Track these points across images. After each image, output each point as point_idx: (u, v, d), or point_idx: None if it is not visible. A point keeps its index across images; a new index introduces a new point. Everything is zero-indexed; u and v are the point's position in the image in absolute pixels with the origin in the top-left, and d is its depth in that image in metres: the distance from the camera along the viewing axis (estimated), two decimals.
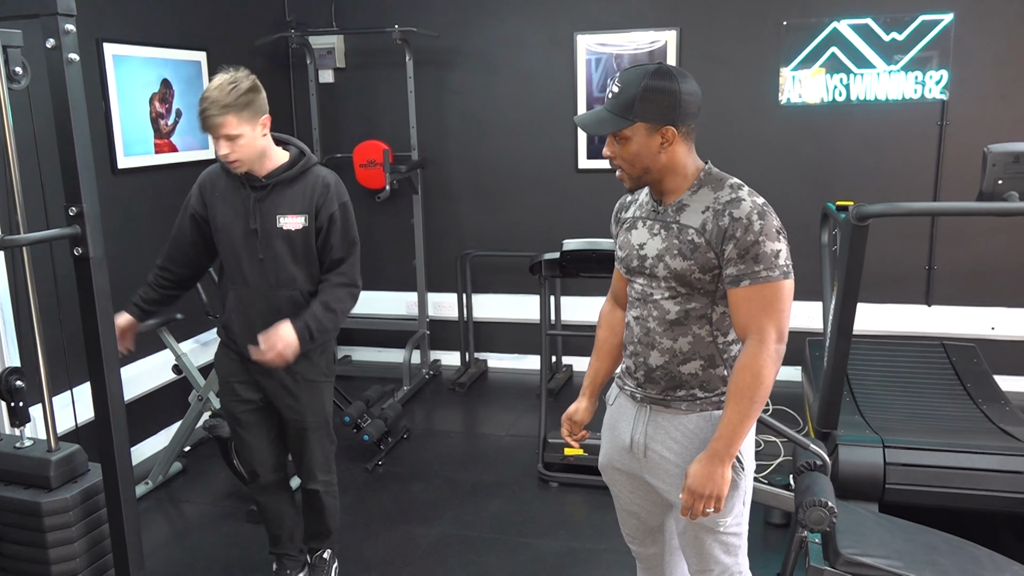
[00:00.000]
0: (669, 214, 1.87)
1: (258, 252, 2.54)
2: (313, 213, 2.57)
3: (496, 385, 5.29)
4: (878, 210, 2.54)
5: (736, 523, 1.94)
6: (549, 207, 5.20)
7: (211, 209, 2.57)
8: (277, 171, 2.54)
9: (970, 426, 3.37)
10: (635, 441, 1.96)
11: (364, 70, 5.36)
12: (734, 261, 1.77)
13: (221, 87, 2.39)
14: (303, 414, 2.70)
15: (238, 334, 2.61)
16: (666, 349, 1.88)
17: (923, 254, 4.78)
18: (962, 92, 4.53)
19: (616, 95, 1.80)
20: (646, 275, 1.90)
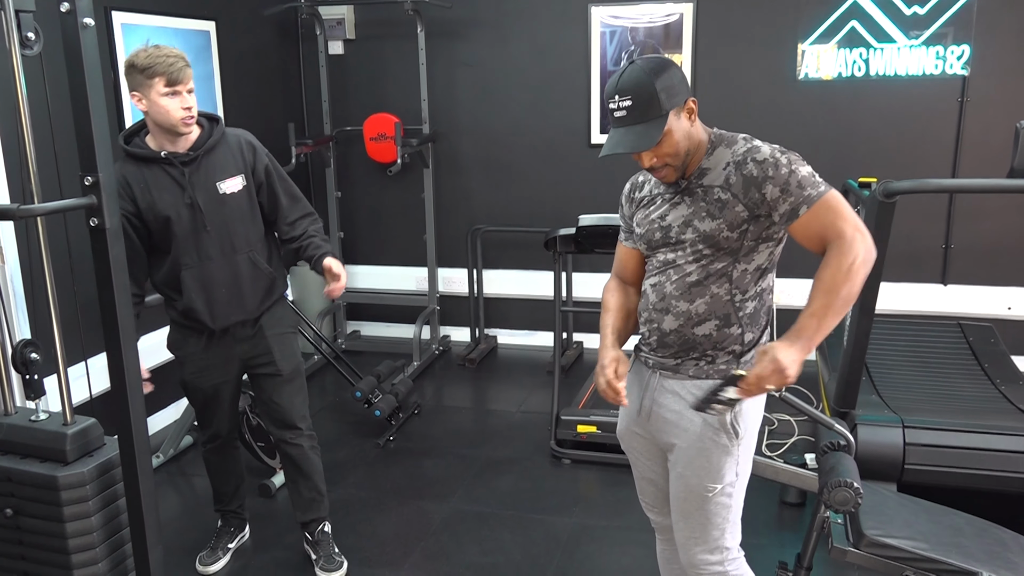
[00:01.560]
0: (692, 182, 1.89)
1: (204, 225, 2.55)
2: (248, 171, 2.63)
3: (506, 361, 5.26)
4: (906, 187, 2.49)
5: (727, 493, 1.94)
6: (561, 182, 5.14)
7: (144, 202, 2.51)
8: (199, 140, 2.55)
9: (989, 406, 3.33)
10: (643, 406, 2.00)
11: (374, 41, 5.28)
12: (780, 198, 1.77)
13: (170, 47, 2.44)
14: (279, 365, 2.77)
15: (204, 312, 2.61)
16: (681, 312, 1.89)
17: (940, 233, 4.72)
18: (984, 68, 4.45)
19: (633, 106, 1.78)
20: (671, 244, 1.91)
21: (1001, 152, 4.47)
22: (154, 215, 2.51)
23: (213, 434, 2.90)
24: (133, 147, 2.53)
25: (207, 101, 4.44)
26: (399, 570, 2.99)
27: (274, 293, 2.76)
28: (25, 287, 3.25)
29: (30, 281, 2.96)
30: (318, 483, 2.93)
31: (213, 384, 2.76)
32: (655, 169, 1.87)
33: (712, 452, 1.91)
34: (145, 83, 2.40)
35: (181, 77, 2.40)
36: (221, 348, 2.71)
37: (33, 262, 2.32)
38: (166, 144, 2.51)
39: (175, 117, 2.43)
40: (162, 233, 2.55)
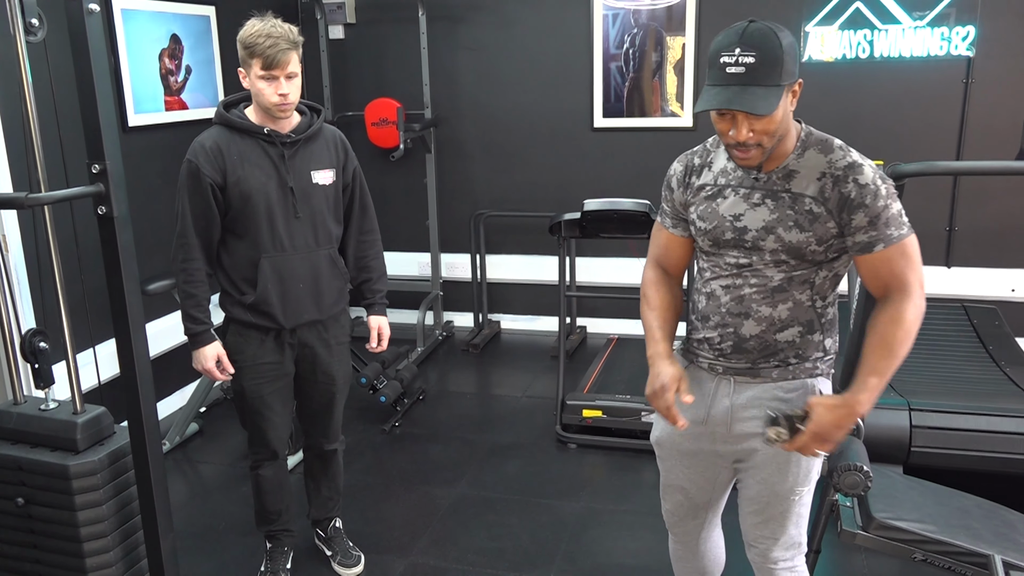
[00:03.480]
0: (775, 182, 1.75)
1: (296, 211, 2.46)
2: (339, 168, 2.57)
3: (510, 346, 5.26)
4: (914, 169, 2.48)
5: (810, 493, 1.91)
6: (564, 166, 5.12)
7: (233, 175, 2.37)
8: (301, 126, 2.48)
9: (994, 389, 3.34)
10: (714, 417, 1.87)
11: (375, 25, 5.25)
12: (864, 229, 1.69)
13: (278, 24, 2.33)
14: (335, 377, 2.68)
15: (277, 305, 2.47)
16: (763, 317, 1.78)
17: (944, 215, 4.71)
18: (989, 49, 4.42)
19: (756, 64, 1.59)
20: (745, 248, 1.77)
21: (1006, 133, 4.46)
22: (239, 191, 2.38)
23: (271, 452, 2.68)
24: (234, 116, 2.42)
25: (208, 87, 4.42)
26: (407, 555, 3.00)
27: (344, 298, 2.66)
28: (30, 275, 3.24)
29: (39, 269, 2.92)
30: (339, 484, 2.90)
31: (275, 392, 2.58)
32: (745, 147, 1.67)
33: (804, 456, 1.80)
34: (247, 60, 2.32)
35: (278, 61, 2.27)
36: (285, 351, 2.55)
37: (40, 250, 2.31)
38: (268, 122, 2.41)
39: (269, 102, 2.33)
40: (240, 213, 2.41)
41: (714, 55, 1.64)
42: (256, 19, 2.34)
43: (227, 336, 2.53)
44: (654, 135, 4.91)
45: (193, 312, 2.45)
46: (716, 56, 1.63)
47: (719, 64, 1.62)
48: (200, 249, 2.43)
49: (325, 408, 2.72)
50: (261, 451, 2.69)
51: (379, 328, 2.72)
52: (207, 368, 2.48)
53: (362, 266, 2.69)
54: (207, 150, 2.37)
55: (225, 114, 2.42)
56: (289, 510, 2.83)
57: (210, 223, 2.42)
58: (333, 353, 2.64)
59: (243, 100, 2.49)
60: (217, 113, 2.43)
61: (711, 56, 1.65)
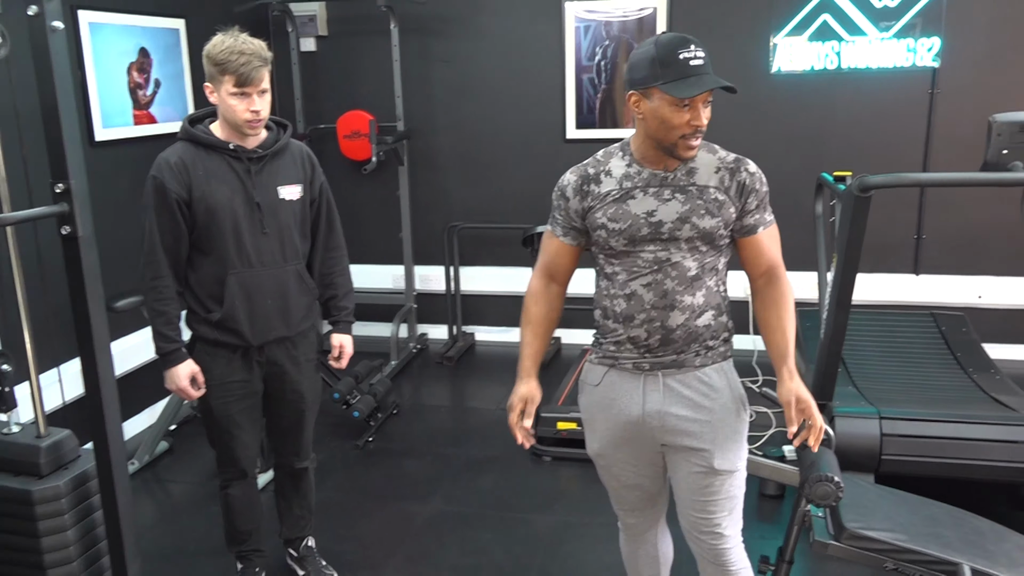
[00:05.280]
0: (680, 178, 1.93)
1: (263, 227, 2.43)
2: (307, 183, 2.55)
3: (484, 359, 5.25)
4: (881, 181, 2.51)
5: (743, 474, 2.05)
6: (537, 178, 5.10)
7: (199, 191, 2.34)
8: (267, 141, 2.46)
9: (963, 396, 3.38)
10: (648, 412, 1.98)
11: (347, 38, 5.23)
12: (752, 212, 1.95)
13: (249, 40, 2.32)
14: (305, 394, 2.66)
15: (245, 322, 2.45)
16: (687, 306, 1.93)
17: (912, 223, 4.77)
18: (954, 60, 4.50)
19: (706, 59, 1.83)
20: (662, 240, 1.91)
21: (971, 143, 4.51)
22: (205, 207, 2.36)
23: (240, 471, 2.64)
24: (199, 132, 2.39)
25: (177, 101, 4.38)
26: (381, 573, 2.97)
27: (313, 314, 2.64)
28: None
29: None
30: (311, 502, 2.87)
31: (243, 411, 2.56)
32: (698, 135, 1.87)
33: (739, 432, 2.01)
34: (217, 77, 2.30)
35: (252, 79, 2.28)
36: (253, 369, 2.53)
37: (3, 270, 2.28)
38: (234, 137, 2.39)
39: (240, 118, 2.32)
40: (206, 229, 2.38)
41: (671, 53, 1.81)
42: (223, 34, 2.33)
43: (194, 354, 2.49)
44: None
45: (164, 330, 2.41)
46: (674, 54, 1.81)
47: (681, 60, 1.81)
48: (169, 266, 2.40)
49: (295, 426, 2.69)
50: (230, 470, 2.65)
51: (341, 345, 2.70)
52: (181, 387, 2.45)
53: (328, 283, 2.67)
54: (172, 166, 2.35)
55: (190, 129, 2.40)
56: (260, 530, 2.79)
57: (178, 240, 2.39)
58: (302, 370, 2.62)
59: (208, 116, 2.46)
60: (182, 129, 2.41)
61: (665, 56, 1.81)
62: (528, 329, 2.15)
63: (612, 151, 2.01)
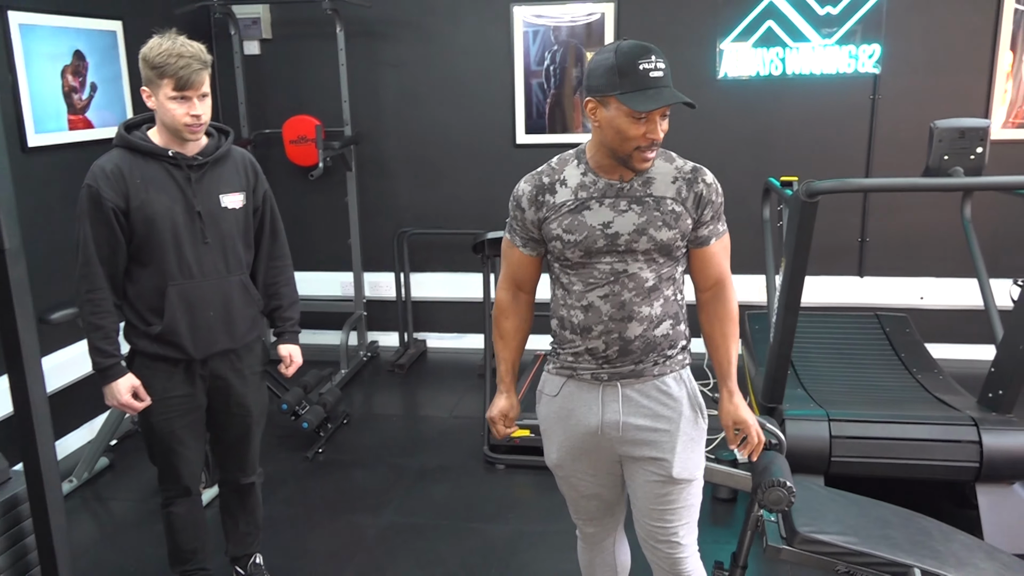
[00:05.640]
0: (636, 188, 1.89)
1: (204, 236, 2.36)
2: (249, 191, 2.48)
3: (436, 366, 5.20)
4: (828, 187, 2.54)
5: (700, 484, 2.05)
6: (487, 183, 5.10)
7: (136, 200, 2.27)
8: (208, 148, 2.38)
9: (908, 396, 3.44)
10: (606, 422, 1.96)
11: (292, 41, 5.14)
12: (707, 223, 1.93)
13: (187, 43, 2.24)
14: (251, 408, 2.58)
15: (186, 335, 2.36)
16: (644, 316, 1.91)
17: (856, 226, 4.86)
18: (894, 66, 4.60)
19: (666, 70, 1.78)
20: (618, 252, 1.89)
21: (912, 147, 4.62)
22: (143, 216, 2.26)
23: (183, 488, 2.55)
24: (136, 138, 2.30)
25: (115, 105, 4.24)
26: None
27: (258, 325, 2.56)
28: None
29: None
30: (258, 518, 2.79)
31: (186, 426, 2.46)
32: (653, 147, 1.83)
33: (696, 441, 2.00)
34: (155, 81, 2.21)
35: (192, 82, 2.20)
36: (196, 383, 2.44)
37: None
38: (173, 144, 2.31)
39: (180, 123, 2.24)
40: (144, 239, 2.29)
41: (630, 63, 1.77)
42: (161, 37, 2.25)
43: (133, 369, 2.40)
44: None
45: (101, 344, 2.32)
46: (634, 64, 1.76)
47: (640, 70, 1.76)
48: (105, 278, 2.31)
49: (241, 440, 2.61)
50: (173, 488, 2.56)
51: (290, 355, 2.63)
52: (124, 402, 2.36)
53: (272, 293, 2.60)
54: (107, 173, 2.26)
55: (127, 136, 2.31)
56: (205, 548, 2.70)
57: (115, 251, 2.30)
58: (248, 383, 2.54)
59: (146, 121, 2.38)
60: (118, 135, 2.32)
61: (625, 65, 1.77)
62: (501, 343, 2.11)
63: (567, 158, 1.96)
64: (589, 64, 1.85)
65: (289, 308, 2.63)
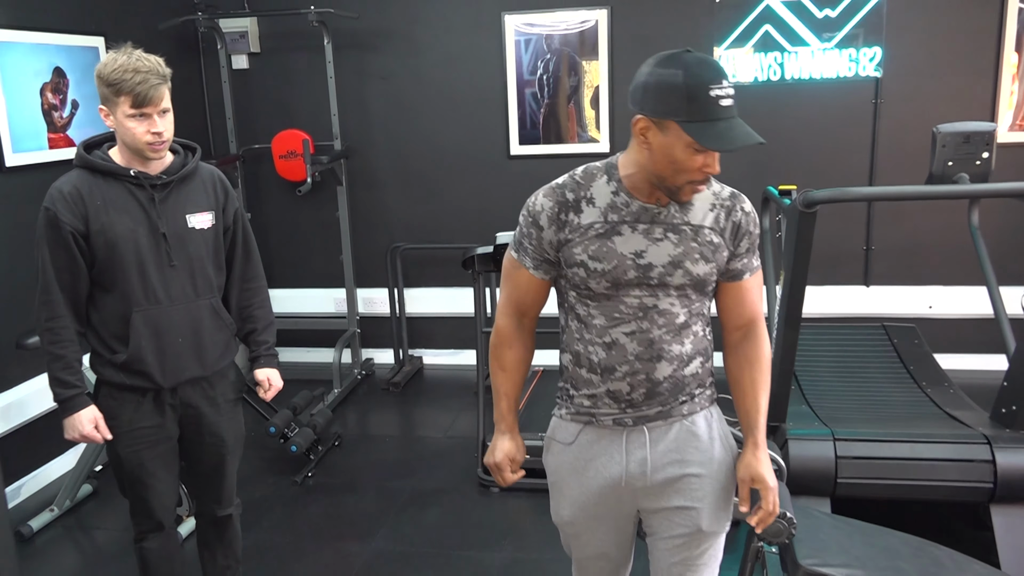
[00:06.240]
0: (673, 215, 1.68)
1: (170, 259, 2.24)
2: (220, 210, 2.37)
3: (433, 383, 5.08)
4: (826, 196, 2.41)
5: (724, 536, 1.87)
6: (481, 195, 4.99)
7: (96, 223, 2.16)
8: (174, 166, 2.27)
9: (917, 412, 3.30)
10: (631, 472, 1.75)
11: (281, 55, 5.05)
12: (742, 256, 1.74)
13: (144, 57, 2.13)
14: (225, 438, 2.45)
15: (153, 363, 2.25)
16: (675, 356, 1.71)
17: (861, 234, 4.73)
18: (896, 69, 4.47)
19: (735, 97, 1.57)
20: (649, 286, 1.67)
21: (916, 152, 4.49)
22: (104, 240, 2.16)
23: (156, 523, 2.42)
24: (96, 158, 2.19)
25: (98, 122, 4.13)
26: None
27: (231, 351, 2.44)
28: None
29: None
30: (237, 551, 2.66)
31: (156, 458, 2.33)
32: (709, 180, 1.65)
33: (728, 490, 1.81)
34: (111, 99, 2.10)
35: (150, 98, 2.09)
36: (166, 412, 2.32)
37: None
38: (135, 163, 2.20)
39: (141, 141, 2.13)
40: (107, 264, 2.18)
41: (701, 88, 1.52)
42: (115, 52, 2.14)
43: (99, 400, 2.28)
44: (571, 162, 4.77)
45: (62, 375, 2.21)
46: (705, 89, 1.52)
47: (710, 98, 1.53)
48: (66, 305, 2.19)
49: (215, 471, 2.49)
50: (144, 522, 2.44)
51: (268, 379, 2.50)
52: (85, 434, 2.24)
53: (246, 316, 2.48)
54: (66, 196, 2.15)
55: (86, 156, 2.20)
56: None
57: (76, 277, 2.19)
58: (221, 412, 2.42)
59: (107, 140, 2.27)
60: (77, 155, 2.21)
61: (696, 88, 1.52)
62: (502, 376, 1.85)
63: (594, 172, 1.72)
64: (647, 76, 1.58)
65: (264, 331, 2.51)
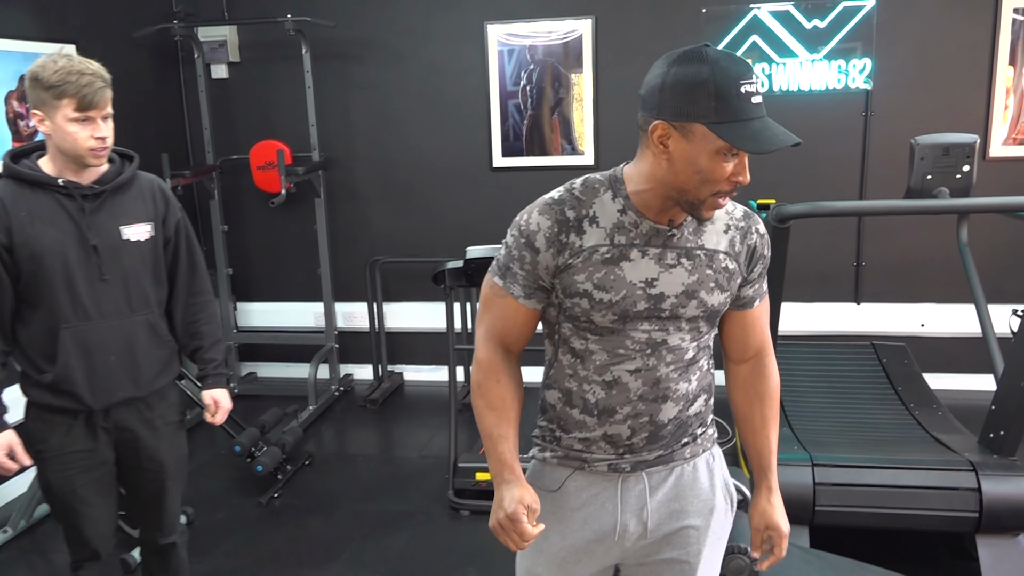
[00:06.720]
0: (687, 238, 1.48)
1: (102, 273, 2.13)
2: (159, 221, 2.25)
3: (412, 400, 4.96)
4: (799, 210, 2.30)
5: None
6: (463, 208, 4.88)
7: (21, 235, 2.05)
8: (108, 175, 2.16)
9: (903, 435, 3.18)
10: (626, 525, 1.57)
11: (261, 64, 4.96)
12: (754, 282, 1.59)
13: (85, 60, 2.05)
14: (165, 463, 2.32)
15: (83, 383, 2.13)
16: (681, 396, 1.54)
17: (851, 250, 4.61)
18: (886, 81, 4.36)
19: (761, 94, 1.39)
20: (660, 318, 1.48)
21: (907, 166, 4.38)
22: (29, 253, 2.06)
23: (92, 552, 2.29)
24: (23, 167, 2.09)
25: None
26: None
27: (171, 370, 2.32)
28: None
29: None
30: None
31: (90, 484, 2.21)
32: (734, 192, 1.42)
33: (722, 540, 1.67)
34: (51, 103, 2.01)
35: (96, 102, 2.02)
36: (99, 436, 2.21)
37: None
38: (66, 172, 2.09)
39: (83, 147, 2.04)
40: (32, 278, 2.08)
41: (729, 85, 1.34)
42: (52, 56, 2.05)
43: (28, 422, 2.17)
44: (555, 174, 4.67)
45: None
46: (734, 85, 1.34)
47: (741, 95, 1.35)
48: None
49: (156, 498, 2.36)
50: (79, 551, 2.31)
51: (215, 400, 2.38)
52: None
53: (192, 332, 2.37)
54: None
55: (12, 165, 2.09)
56: None
57: (4, 294, 2.08)
58: (160, 435, 2.29)
59: (36, 149, 2.17)
60: (3, 165, 2.11)
61: (725, 85, 1.34)
62: (493, 417, 1.54)
63: (595, 186, 1.49)
64: (663, 75, 1.38)
65: (211, 348, 2.39)
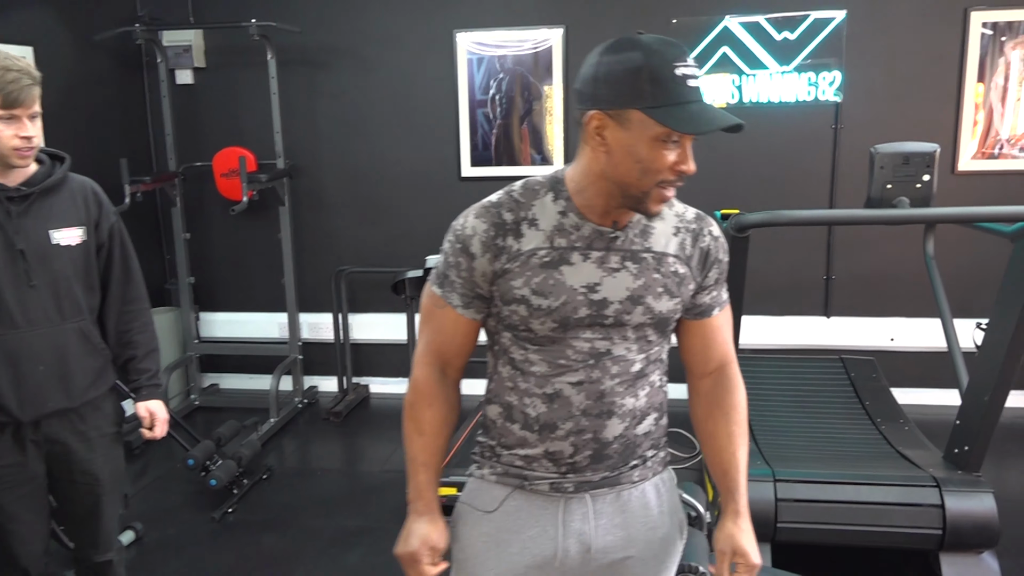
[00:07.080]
0: (633, 240, 1.41)
1: (29, 279, 2.05)
2: (91, 226, 2.17)
3: (377, 413, 4.86)
4: (756, 219, 2.25)
5: None
6: (431, 218, 4.77)
7: None
8: (37, 177, 2.08)
9: (868, 451, 3.13)
10: (567, 550, 1.47)
11: (227, 70, 4.88)
12: (710, 288, 1.50)
13: (13, 57, 1.97)
14: (99, 476, 2.23)
15: (9, 394, 2.04)
16: (627, 412, 1.44)
17: (821, 264, 4.58)
18: (856, 93, 4.35)
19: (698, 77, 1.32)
20: (604, 326, 1.40)
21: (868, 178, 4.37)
22: None
23: (22, 572, 2.22)
24: None
25: None
26: None
27: (105, 379, 2.25)
28: None
29: None
30: None
31: (18, 500, 2.14)
32: (681, 181, 1.34)
33: (670, 569, 1.59)
34: None
35: (22, 99, 1.95)
36: (28, 449, 2.12)
37: None
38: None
39: (7, 146, 1.97)
40: None
41: (665, 66, 1.28)
42: None
43: None
44: None
45: None
46: (670, 67, 1.28)
47: (676, 77, 1.28)
48: None
49: (90, 514, 2.26)
50: (9, 571, 2.21)
51: (151, 414, 2.29)
52: None
53: (125, 341, 2.27)
54: None
55: None
56: None
57: None
58: (94, 447, 2.20)
59: None
60: None
61: (659, 68, 1.27)
62: (420, 442, 1.51)
63: (536, 188, 1.42)
64: (596, 65, 1.32)
65: (146, 358, 2.30)
